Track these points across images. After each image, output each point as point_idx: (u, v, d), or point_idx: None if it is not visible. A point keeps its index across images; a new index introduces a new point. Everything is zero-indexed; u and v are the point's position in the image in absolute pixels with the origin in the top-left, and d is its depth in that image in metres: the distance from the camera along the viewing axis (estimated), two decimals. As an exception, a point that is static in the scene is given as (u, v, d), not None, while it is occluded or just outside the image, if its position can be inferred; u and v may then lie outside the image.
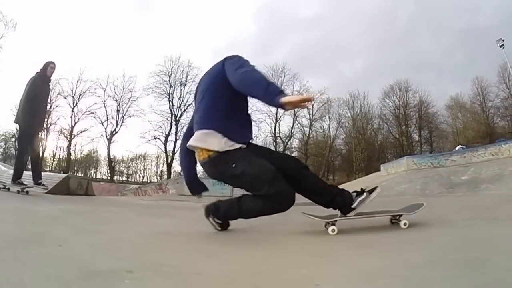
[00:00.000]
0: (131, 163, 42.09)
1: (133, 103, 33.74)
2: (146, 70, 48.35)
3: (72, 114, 32.48)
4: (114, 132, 33.62)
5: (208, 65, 1.93)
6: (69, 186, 5.46)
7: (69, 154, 34.45)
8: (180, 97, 33.70)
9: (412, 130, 36.32)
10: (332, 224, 1.76)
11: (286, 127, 36.30)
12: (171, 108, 33.63)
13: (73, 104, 32.43)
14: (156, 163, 41.31)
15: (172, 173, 33.63)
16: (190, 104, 31.46)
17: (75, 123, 32.93)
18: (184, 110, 33.11)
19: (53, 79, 4.52)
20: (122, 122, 33.70)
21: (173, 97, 33.77)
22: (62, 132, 32.88)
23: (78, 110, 32.72)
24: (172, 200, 7.26)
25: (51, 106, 29.68)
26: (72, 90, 32.13)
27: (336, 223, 1.76)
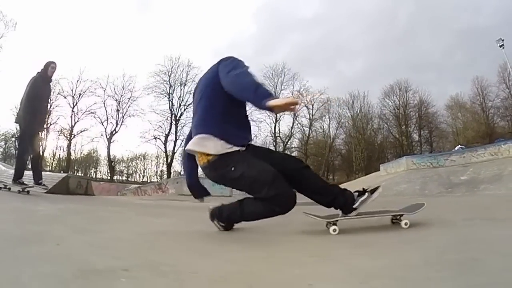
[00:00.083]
0: (131, 163, 42.20)
1: (133, 103, 33.80)
2: (146, 70, 48.49)
3: (72, 114, 32.54)
4: (114, 132, 33.66)
5: (208, 65, 1.93)
6: (69, 186, 5.48)
7: (69, 154, 34.48)
8: (180, 96, 33.78)
9: (412, 130, 36.38)
10: (333, 224, 1.77)
11: (286, 127, 36.37)
12: (171, 108, 33.69)
13: (73, 103, 32.48)
14: (156, 162, 41.41)
15: (172, 172, 33.70)
16: (190, 104, 31.39)
17: (75, 123, 32.98)
18: (184, 110, 33.15)
19: (54, 79, 4.53)
20: (122, 121, 33.75)
21: (173, 97, 33.83)
22: (62, 131, 32.93)
23: (78, 109, 32.78)
24: (171, 200, 7.27)
25: (51, 106, 29.68)
26: (72, 90, 32.18)
27: (337, 223, 1.77)
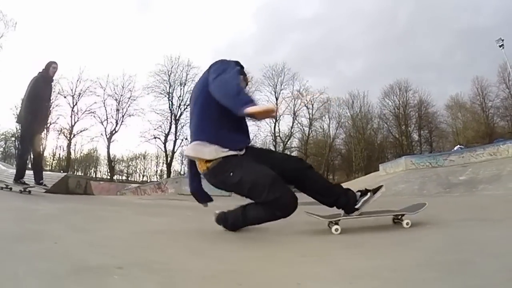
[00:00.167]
0: (131, 163, 42.20)
1: (132, 103, 33.79)
2: (145, 70, 48.31)
3: (72, 113, 32.55)
4: (114, 132, 33.68)
5: (208, 64, 1.91)
6: (68, 186, 5.51)
7: (69, 153, 34.51)
8: (179, 96, 33.76)
9: (412, 130, 36.35)
10: (335, 224, 1.78)
11: (286, 127, 36.33)
12: (170, 108, 33.68)
13: (73, 103, 32.49)
14: (156, 162, 41.41)
15: (172, 172, 33.75)
16: (189, 104, 31.45)
17: (75, 122, 33.00)
18: (184, 110, 33.09)
19: (54, 79, 4.54)
20: (122, 121, 33.76)
21: (173, 97, 33.78)
22: (62, 131, 32.95)
23: (78, 109, 32.78)
24: (170, 200, 7.29)
25: (51, 105, 29.70)
26: (72, 90, 32.20)
27: (339, 223, 1.78)
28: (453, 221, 2.13)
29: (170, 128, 33.35)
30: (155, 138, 33.14)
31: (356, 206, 1.80)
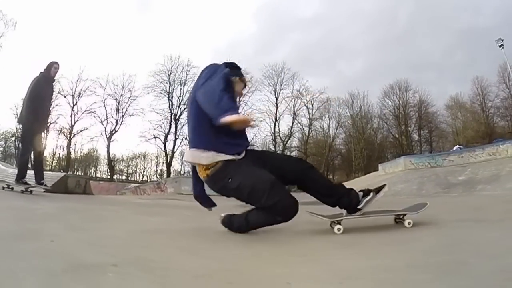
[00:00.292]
0: (131, 162, 42.22)
1: (132, 102, 33.79)
2: (145, 69, 48.43)
3: (71, 113, 32.56)
4: (114, 131, 33.68)
5: (207, 64, 1.93)
6: (67, 185, 5.53)
7: (69, 153, 34.52)
8: (179, 96, 33.75)
9: (411, 130, 36.34)
10: (337, 223, 1.79)
11: (286, 126, 36.32)
12: (170, 107, 33.71)
13: (73, 103, 32.49)
14: (156, 162, 41.44)
15: (172, 172, 33.77)
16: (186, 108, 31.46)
17: (74, 122, 33.00)
18: (184, 109, 33.10)
19: (55, 79, 4.55)
20: (122, 121, 33.78)
21: (173, 96, 33.80)
22: (62, 131, 32.97)
23: (78, 109, 32.79)
24: (169, 199, 7.31)
25: (52, 105, 29.71)
26: (71, 89, 32.20)
27: (341, 222, 1.79)
28: (450, 221, 2.12)
29: (170, 127, 33.39)
30: (155, 138, 33.17)
31: (359, 207, 1.80)
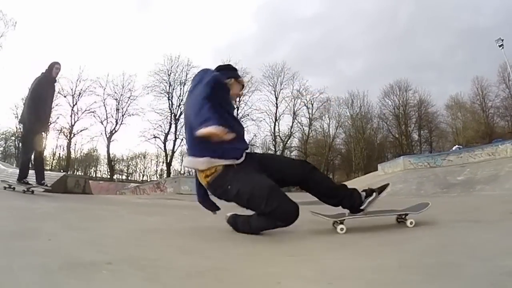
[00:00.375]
0: (131, 162, 42.33)
1: (132, 102, 33.91)
2: (145, 69, 48.50)
3: (71, 113, 32.68)
4: (114, 131, 33.78)
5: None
6: (67, 185, 5.57)
7: (69, 153, 34.61)
8: (179, 96, 33.83)
9: (411, 130, 36.41)
10: (340, 223, 1.80)
11: (286, 126, 36.40)
12: (170, 107, 33.80)
13: (72, 102, 32.62)
14: (156, 162, 41.54)
15: (172, 171, 33.83)
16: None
17: (74, 122, 33.13)
18: (184, 109, 33.17)
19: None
20: (122, 121, 33.87)
21: (173, 96, 33.89)
22: (62, 130, 33.05)
23: (77, 108, 32.92)
24: (168, 199, 7.34)
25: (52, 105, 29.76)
26: (71, 89, 32.31)
27: (344, 222, 1.80)
28: (446, 222, 2.10)
29: (170, 127, 33.48)
30: (155, 137, 33.26)
31: (362, 207, 1.82)
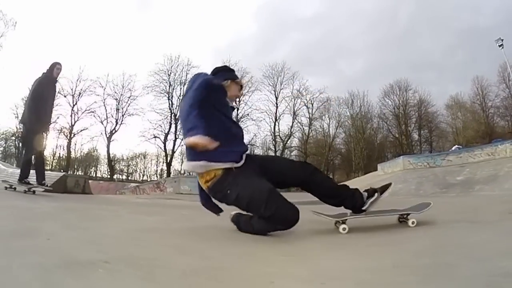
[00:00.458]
0: (131, 162, 42.34)
1: (132, 102, 33.95)
2: (145, 69, 48.50)
3: (71, 113, 32.71)
4: (114, 131, 33.81)
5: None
6: (66, 185, 5.59)
7: (69, 153, 34.64)
8: (179, 96, 33.75)
9: (411, 130, 36.40)
10: (342, 223, 1.80)
11: (286, 126, 36.40)
12: (170, 107, 33.80)
13: (73, 102, 32.66)
14: (156, 161, 41.55)
15: (172, 171, 33.86)
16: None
17: (75, 122, 33.17)
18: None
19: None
20: (122, 121, 33.90)
21: (173, 96, 33.89)
22: (62, 130, 33.08)
23: (77, 108, 32.96)
24: (168, 199, 7.36)
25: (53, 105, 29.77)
26: (72, 89, 32.36)
27: (346, 222, 1.80)
28: (444, 222, 2.09)
29: (170, 127, 33.49)
30: (155, 137, 33.28)
31: (363, 208, 1.83)
